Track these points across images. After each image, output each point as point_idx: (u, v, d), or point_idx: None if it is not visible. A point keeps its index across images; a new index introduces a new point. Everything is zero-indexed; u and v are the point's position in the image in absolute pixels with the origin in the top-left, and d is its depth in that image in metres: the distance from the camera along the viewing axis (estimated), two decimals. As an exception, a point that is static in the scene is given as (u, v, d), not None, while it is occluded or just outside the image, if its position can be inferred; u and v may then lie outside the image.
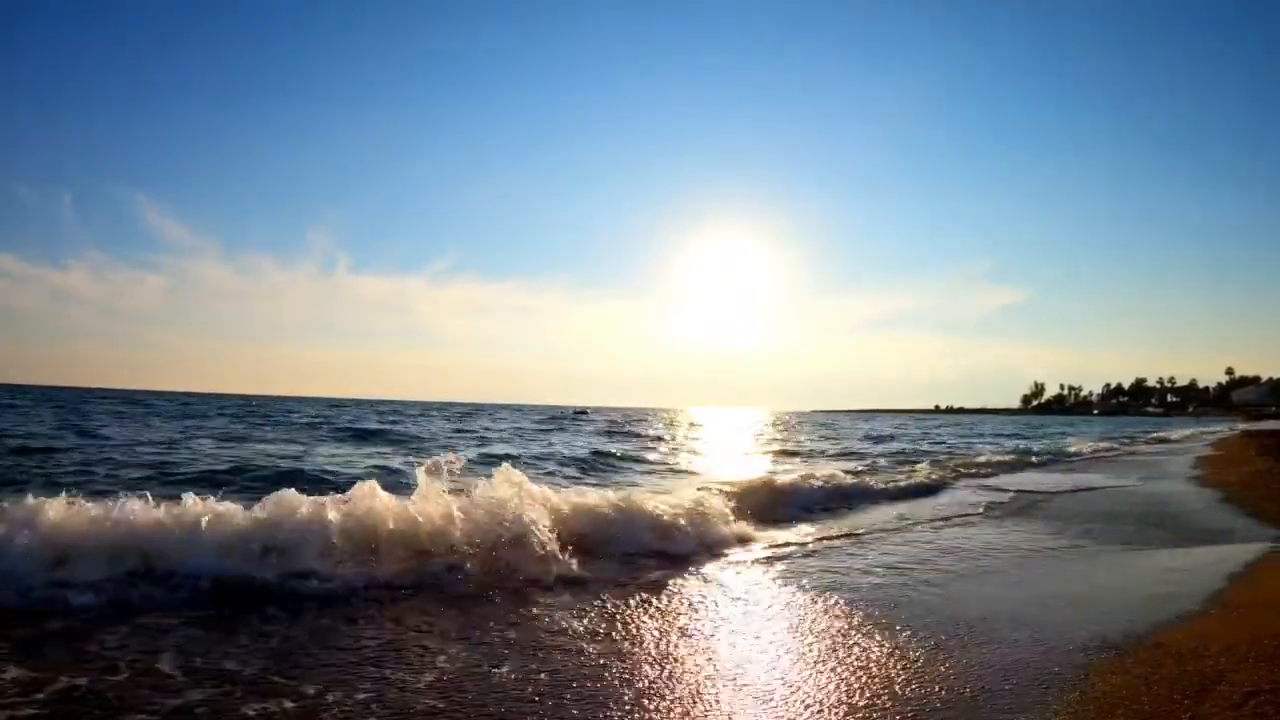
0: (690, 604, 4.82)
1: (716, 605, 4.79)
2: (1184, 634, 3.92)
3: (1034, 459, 19.68)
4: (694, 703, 3.16)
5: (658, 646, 3.91)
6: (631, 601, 4.80)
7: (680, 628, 4.26)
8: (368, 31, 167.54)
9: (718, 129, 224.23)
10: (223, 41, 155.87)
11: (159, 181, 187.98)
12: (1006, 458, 19.17)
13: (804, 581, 5.38)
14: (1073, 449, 24.39)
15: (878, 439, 31.50)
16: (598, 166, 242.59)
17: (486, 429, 30.39)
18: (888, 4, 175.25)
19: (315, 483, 9.25)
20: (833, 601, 4.80)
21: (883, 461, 18.27)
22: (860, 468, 15.65)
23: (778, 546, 6.84)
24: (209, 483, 8.99)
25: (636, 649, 3.86)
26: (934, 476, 13.92)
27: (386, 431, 23.77)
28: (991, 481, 13.76)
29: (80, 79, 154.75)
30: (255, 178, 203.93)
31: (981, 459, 18.39)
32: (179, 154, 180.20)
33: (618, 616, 4.47)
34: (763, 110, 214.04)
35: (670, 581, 5.41)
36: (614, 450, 19.57)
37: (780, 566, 5.97)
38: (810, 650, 3.85)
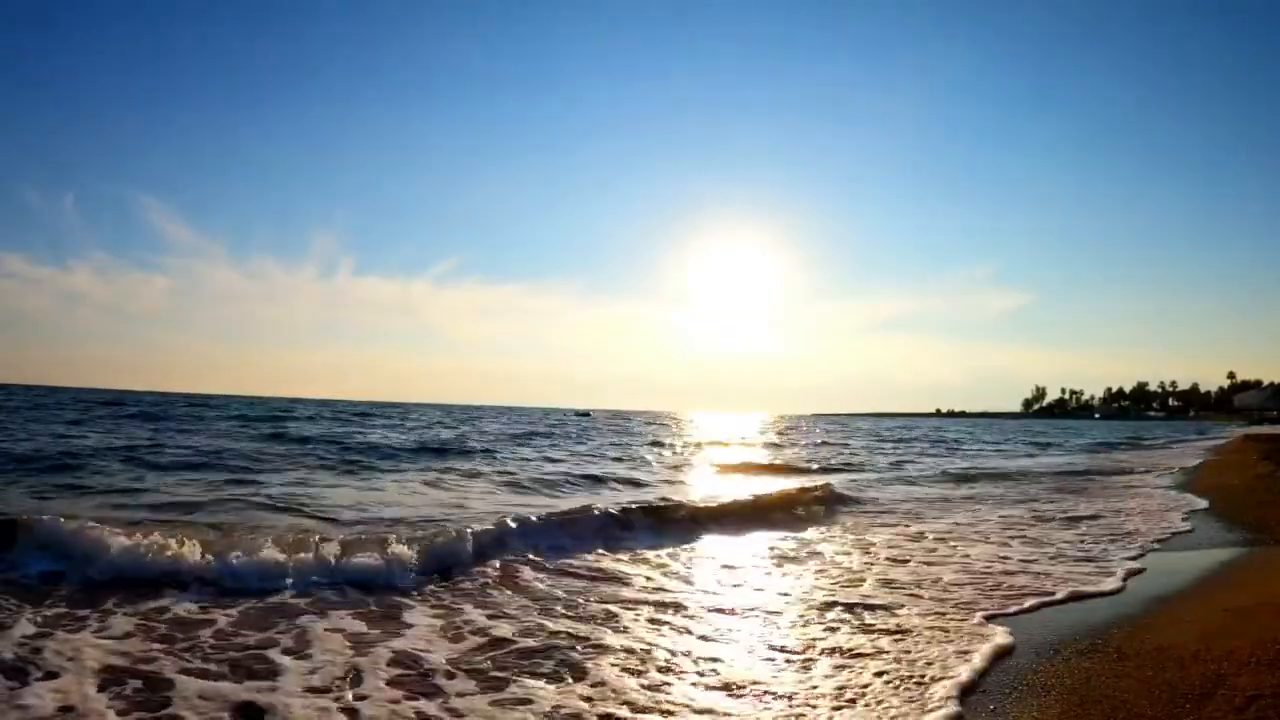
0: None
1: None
2: (1186, 637, 3.91)
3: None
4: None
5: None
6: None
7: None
8: (373, 33, 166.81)
9: (721, 133, 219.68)
10: (227, 43, 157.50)
11: (164, 183, 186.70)
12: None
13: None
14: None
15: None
16: (602, 170, 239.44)
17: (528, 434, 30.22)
18: (891, 7, 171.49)
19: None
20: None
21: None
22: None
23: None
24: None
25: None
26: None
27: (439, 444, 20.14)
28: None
29: (84, 81, 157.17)
30: (260, 180, 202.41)
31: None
32: (183, 156, 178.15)
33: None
34: (764, 113, 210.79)
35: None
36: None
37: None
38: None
